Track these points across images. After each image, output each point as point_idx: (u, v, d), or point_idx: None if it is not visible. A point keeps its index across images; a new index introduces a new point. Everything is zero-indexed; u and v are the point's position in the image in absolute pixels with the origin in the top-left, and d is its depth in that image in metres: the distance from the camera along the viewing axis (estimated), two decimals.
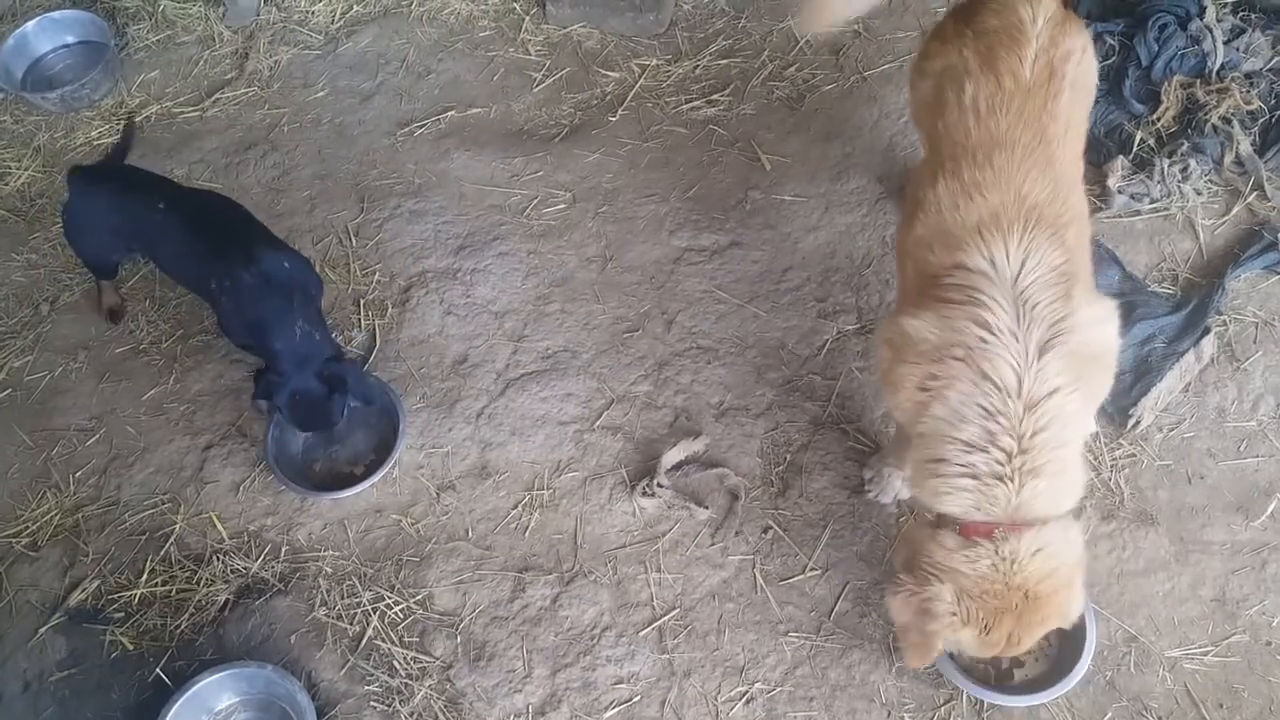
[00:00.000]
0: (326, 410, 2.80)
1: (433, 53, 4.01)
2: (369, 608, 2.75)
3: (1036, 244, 2.08)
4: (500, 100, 3.85)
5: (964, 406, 2.05)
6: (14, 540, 2.95)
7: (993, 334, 2.04)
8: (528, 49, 3.97)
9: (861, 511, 2.81)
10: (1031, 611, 2.10)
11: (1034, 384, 2.02)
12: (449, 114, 3.81)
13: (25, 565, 2.90)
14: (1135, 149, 3.30)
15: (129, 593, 2.82)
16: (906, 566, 2.22)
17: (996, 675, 2.56)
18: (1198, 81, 3.34)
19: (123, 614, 2.80)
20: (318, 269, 3.36)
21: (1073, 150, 2.28)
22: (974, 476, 2.06)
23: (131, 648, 2.75)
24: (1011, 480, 2.04)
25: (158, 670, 2.69)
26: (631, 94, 3.77)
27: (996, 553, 2.07)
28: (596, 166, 3.59)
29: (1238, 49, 3.35)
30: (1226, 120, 3.27)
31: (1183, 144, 3.27)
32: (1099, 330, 2.13)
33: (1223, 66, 3.33)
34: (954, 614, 2.10)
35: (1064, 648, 2.53)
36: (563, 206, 3.51)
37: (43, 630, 2.78)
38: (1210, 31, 3.33)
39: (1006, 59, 2.25)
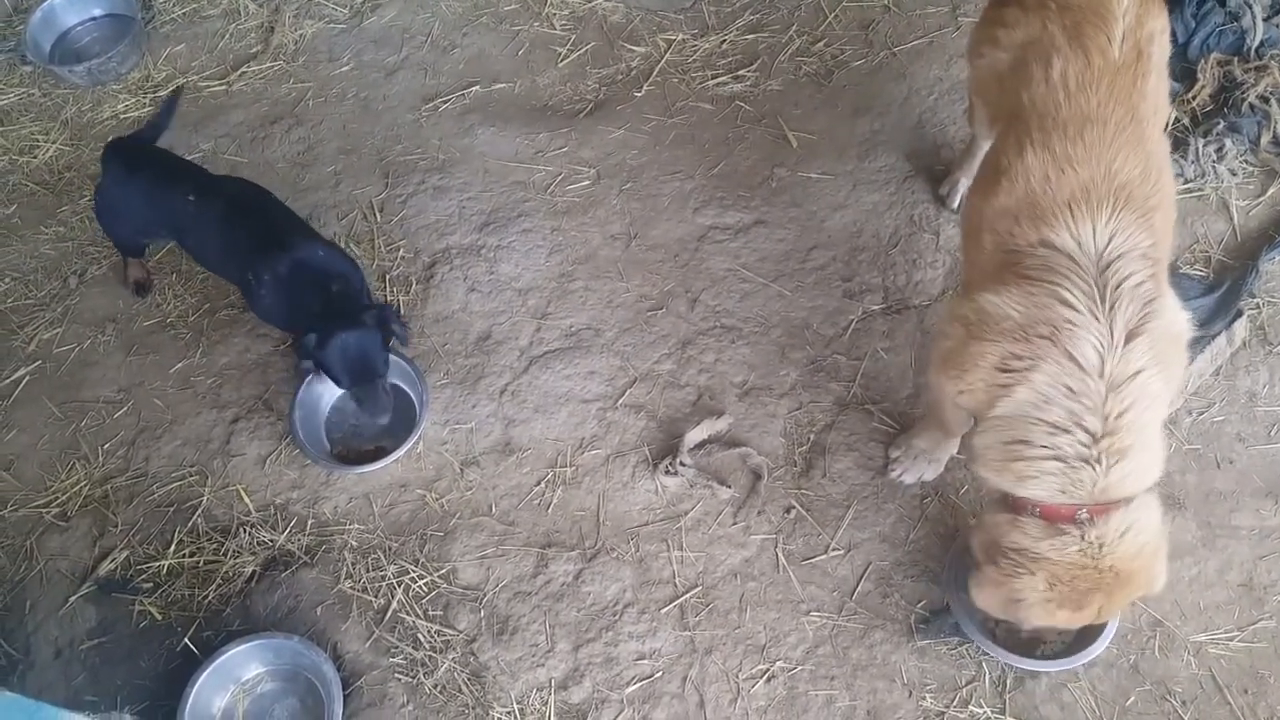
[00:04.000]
0: (373, 357, 2.77)
1: (457, 27, 3.99)
2: (394, 581, 2.77)
3: (1124, 224, 2.05)
4: (525, 75, 3.83)
5: (1050, 388, 2.03)
6: (44, 510, 2.99)
7: (1078, 314, 2.01)
8: (553, 23, 3.94)
9: (885, 492, 2.80)
10: (1121, 587, 2.12)
11: (1118, 365, 1.99)
12: (473, 89, 3.80)
13: (56, 535, 2.94)
14: (1170, 128, 3.25)
15: (157, 563, 2.85)
16: (988, 555, 2.21)
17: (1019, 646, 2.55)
18: (1235, 59, 3.28)
19: (151, 584, 2.83)
20: (343, 245, 3.38)
21: (1160, 130, 2.24)
22: (1060, 459, 2.04)
23: (160, 617, 2.79)
24: (1099, 463, 2.02)
25: (186, 640, 2.72)
26: (657, 69, 3.75)
27: (1084, 538, 2.07)
28: (621, 143, 3.57)
29: (1277, 26, 3.28)
30: (1264, 99, 3.21)
31: (1218, 123, 3.22)
32: (1178, 316, 2.11)
33: (1262, 44, 3.27)
34: (1049, 600, 2.12)
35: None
36: (587, 183, 3.49)
37: (73, 599, 2.83)
38: (1250, 8, 3.26)
39: (1094, 36, 2.21)
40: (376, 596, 2.76)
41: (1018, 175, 2.17)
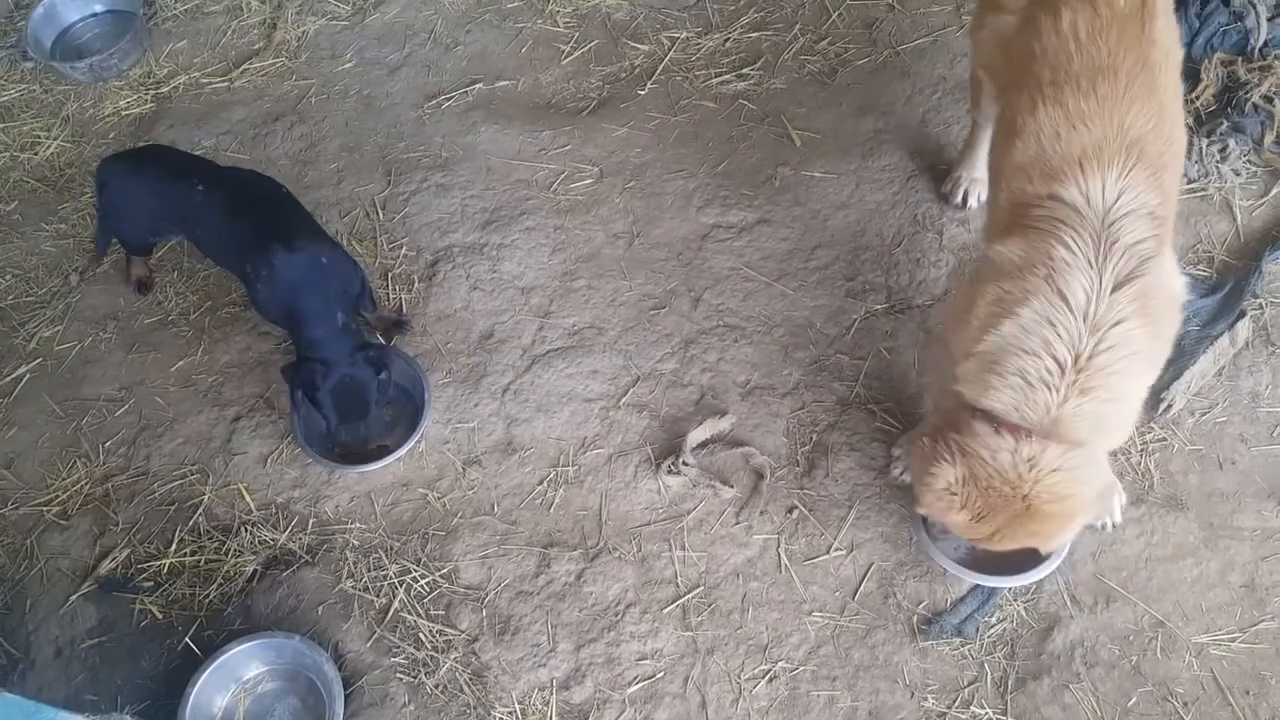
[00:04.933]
0: (366, 400, 2.81)
1: (460, 24, 3.98)
2: (395, 580, 2.77)
3: (1134, 182, 2.07)
4: (528, 73, 3.82)
5: (1035, 321, 2.06)
6: (45, 509, 2.99)
7: (1074, 257, 2.04)
8: (556, 20, 3.93)
9: (888, 493, 2.80)
10: (1025, 521, 2.14)
11: (1102, 310, 2.02)
12: (476, 86, 3.79)
13: (56, 534, 2.94)
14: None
15: (158, 562, 2.85)
16: (934, 432, 2.26)
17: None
18: (1239, 59, 3.27)
19: (152, 583, 2.83)
20: (345, 243, 3.37)
21: (1172, 75, 2.24)
22: (1023, 378, 2.07)
23: (161, 616, 2.78)
24: (1057, 390, 2.05)
25: (186, 639, 2.72)
26: (661, 67, 3.74)
27: (1017, 451, 2.09)
28: (624, 141, 3.57)
29: None
30: (1268, 99, 3.20)
31: (1222, 123, 3.21)
32: (1175, 280, 2.13)
33: (1265, 44, 3.26)
34: (953, 495, 2.17)
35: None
36: (590, 181, 3.49)
37: (73, 598, 2.82)
38: (1254, 8, 3.25)
39: None
40: (378, 596, 2.76)
41: (1030, 133, 2.20)
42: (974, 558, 2.61)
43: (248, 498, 2.94)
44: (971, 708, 2.51)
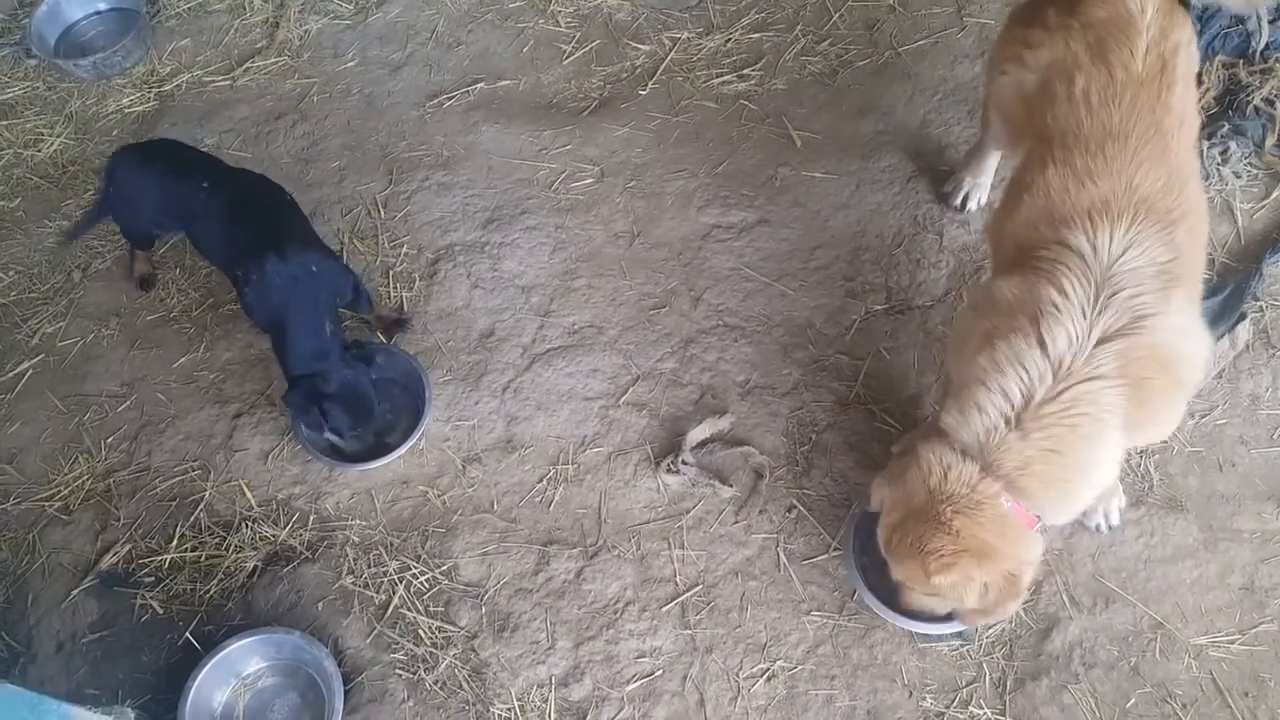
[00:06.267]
0: (369, 399, 2.82)
1: (462, 24, 3.99)
2: (395, 577, 2.77)
3: (1142, 237, 2.05)
4: (529, 72, 3.83)
5: (1006, 359, 2.06)
6: (47, 504, 2.99)
7: (1068, 303, 2.04)
8: (558, 20, 3.94)
9: None
10: (927, 532, 2.11)
11: (1078, 362, 2.01)
12: (478, 86, 3.80)
13: (58, 528, 2.95)
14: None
15: (159, 557, 2.86)
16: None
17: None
18: (1241, 62, 3.27)
19: (153, 578, 2.84)
20: (346, 241, 3.39)
21: (1187, 142, 2.23)
22: (976, 405, 2.09)
23: (161, 611, 2.79)
24: (994, 431, 2.06)
25: (187, 634, 2.73)
26: (662, 67, 3.74)
27: (955, 467, 2.10)
28: (625, 141, 3.57)
29: None
30: (1269, 102, 3.20)
31: (1223, 126, 3.22)
32: (1183, 342, 2.08)
33: (1267, 46, 3.26)
34: (880, 486, 2.27)
35: None
36: (591, 181, 3.49)
37: (75, 592, 2.83)
38: (1255, 11, 3.25)
39: (1117, 51, 2.21)
40: (378, 592, 2.76)
41: (1039, 190, 2.20)
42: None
43: (249, 494, 2.95)
44: (970, 708, 2.51)
